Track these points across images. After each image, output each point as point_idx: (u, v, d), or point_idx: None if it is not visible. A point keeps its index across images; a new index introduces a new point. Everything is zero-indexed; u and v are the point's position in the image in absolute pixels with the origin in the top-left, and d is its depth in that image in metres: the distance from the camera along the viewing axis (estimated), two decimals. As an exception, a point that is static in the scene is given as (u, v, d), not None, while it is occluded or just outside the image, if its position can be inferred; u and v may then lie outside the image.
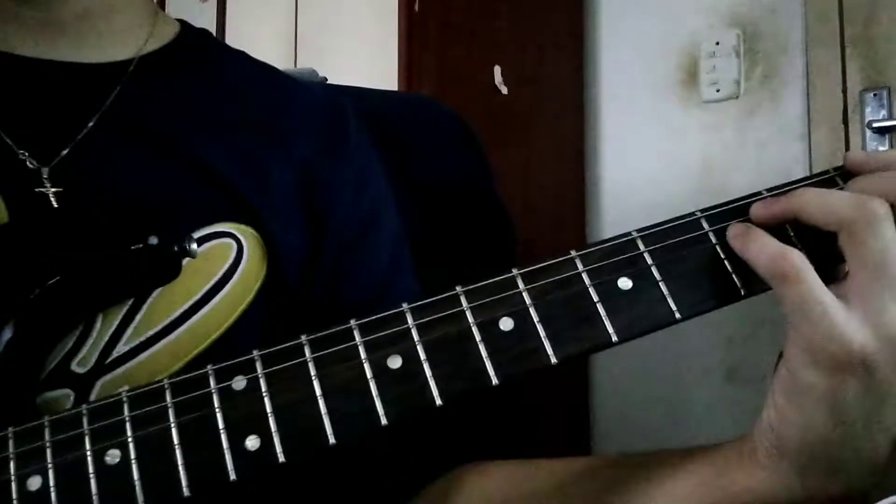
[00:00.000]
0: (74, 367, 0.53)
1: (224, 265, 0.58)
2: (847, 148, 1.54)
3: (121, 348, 0.54)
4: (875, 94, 1.51)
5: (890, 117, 1.50)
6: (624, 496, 0.50)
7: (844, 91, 1.54)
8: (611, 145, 1.88)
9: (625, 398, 1.79)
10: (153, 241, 0.54)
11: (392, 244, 0.68)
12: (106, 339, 0.54)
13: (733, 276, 0.45)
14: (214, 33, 2.13)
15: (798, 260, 0.43)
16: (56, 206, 0.55)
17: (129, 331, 0.55)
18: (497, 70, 1.66)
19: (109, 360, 0.54)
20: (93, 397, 0.53)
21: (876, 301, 0.41)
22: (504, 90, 1.66)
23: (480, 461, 0.62)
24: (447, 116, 0.90)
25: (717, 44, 1.71)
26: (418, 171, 0.85)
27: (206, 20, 1.94)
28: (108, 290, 0.54)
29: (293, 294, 0.61)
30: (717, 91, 1.71)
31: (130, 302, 0.55)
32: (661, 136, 1.79)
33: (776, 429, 0.44)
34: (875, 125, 1.50)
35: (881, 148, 1.51)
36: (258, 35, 1.91)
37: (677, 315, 0.44)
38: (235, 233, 0.59)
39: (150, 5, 0.67)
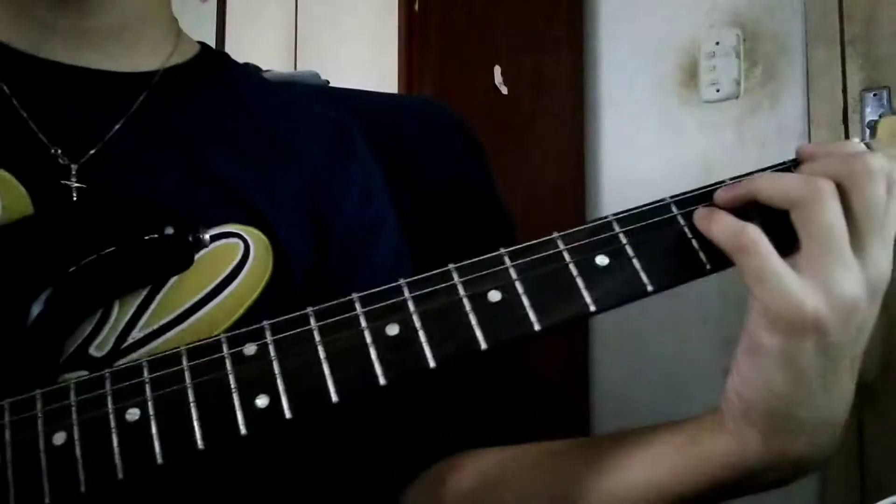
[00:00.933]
0: (92, 350, 0.57)
1: (232, 263, 0.61)
2: (847, 148, 1.54)
3: (136, 334, 0.58)
4: (875, 94, 1.51)
5: (890, 117, 1.50)
6: (603, 465, 0.55)
7: (844, 91, 1.54)
8: (611, 145, 1.88)
9: (625, 398, 1.79)
10: (169, 231, 0.57)
11: (393, 253, 0.72)
12: (122, 325, 0.57)
13: (699, 252, 0.49)
14: (214, 33, 2.13)
15: (754, 233, 0.47)
16: (76, 199, 0.59)
17: (144, 318, 0.58)
18: (497, 70, 1.66)
19: (125, 345, 0.57)
20: None
21: (826, 270, 0.46)
22: (504, 90, 1.66)
23: (474, 449, 0.65)
24: (449, 119, 0.90)
25: (717, 44, 1.71)
26: (421, 175, 0.86)
27: (206, 20, 1.94)
28: (126, 278, 0.57)
29: (296, 295, 0.64)
30: (717, 91, 1.71)
31: (146, 291, 0.58)
32: (661, 136, 1.79)
33: (739, 392, 0.49)
34: (875, 125, 1.50)
35: (881, 148, 1.52)
36: (258, 35, 1.92)
37: (649, 287, 0.49)
38: (243, 234, 0.62)
39: (175, 24, 0.71)
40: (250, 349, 0.48)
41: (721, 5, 1.73)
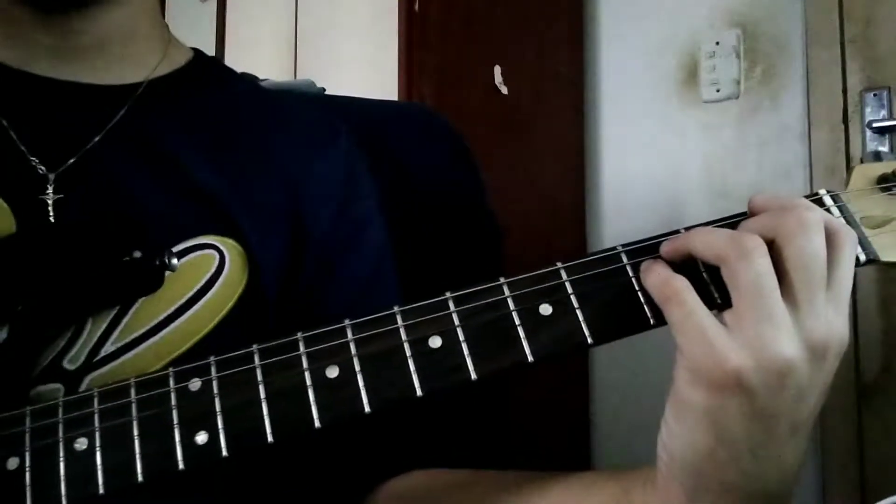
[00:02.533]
0: (66, 363, 0.58)
1: (206, 274, 0.62)
2: (847, 148, 1.54)
3: (108, 348, 0.59)
4: (875, 94, 1.51)
5: (890, 117, 1.50)
6: (530, 500, 0.55)
7: (844, 91, 1.54)
8: (611, 145, 1.88)
9: (625, 398, 1.79)
10: (137, 255, 0.58)
11: (374, 260, 0.72)
12: (95, 339, 0.59)
13: (644, 306, 0.49)
14: (214, 33, 2.13)
15: (680, 284, 0.47)
16: (52, 217, 0.60)
17: (116, 333, 0.59)
18: (497, 70, 1.66)
19: (97, 358, 0.58)
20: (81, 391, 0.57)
21: (753, 327, 0.44)
22: (504, 90, 1.66)
23: (435, 467, 0.66)
24: (443, 128, 0.91)
25: (717, 44, 1.71)
26: (413, 182, 0.86)
27: (206, 20, 1.94)
28: (97, 298, 0.58)
29: (271, 305, 0.65)
30: (717, 91, 1.71)
31: (117, 307, 0.59)
32: (661, 136, 1.79)
33: (665, 445, 0.48)
34: (875, 125, 1.50)
35: (881, 148, 1.51)
36: (258, 36, 1.91)
37: (589, 340, 0.48)
38: (219, 244, 0.63)
39: (165, 33, 0.72)
40: (195, 384, 0.49)
41: (721, 5, 1.73)
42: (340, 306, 0.67)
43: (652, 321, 0.49)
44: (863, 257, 0.51)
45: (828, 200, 0.53)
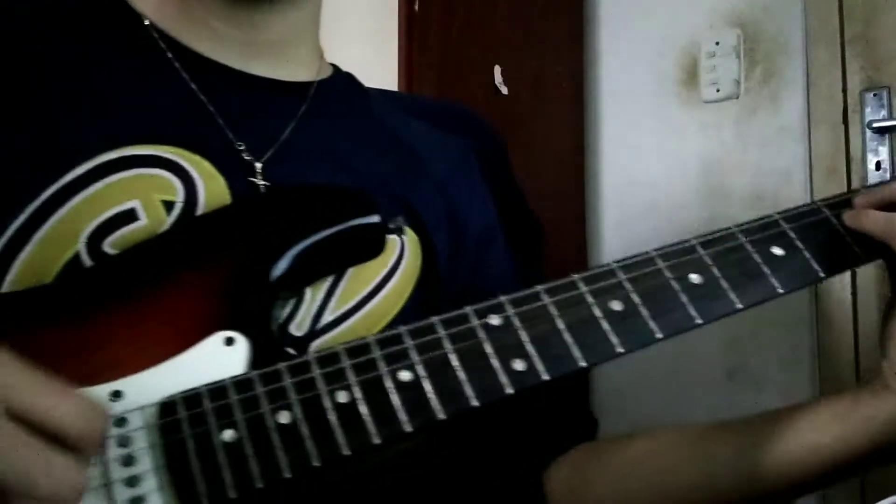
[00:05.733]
0: (292, 329, 0.62)
1: (393, 257, 0.68)
2: (847, 148, 1.54)
3: (327, 317, 0.63)
4: (875, 94, 1.51)
5: (890, 117, 1.50)
6: (768, 436, 0.60)
7: (844, 91, 1.54)
8: (611, 145, 1.88)
9: (625, 398, 1.79)
10: (374, 219, 0.62)
11: (507, 256, 0.81)
12: (315, 308, 0.63)
13: (853, 246, 0.60)
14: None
15: None
16: (265, 193, 0.64)
17: (332, 303, 0.64)
18: (497, 70, 1.66)
19: (319, 326, 0.63)
20: None
21: None
22: (504, 90, 1.66)
23: (592, 441, 0.75)
24: (492, 126, 0.93)
25: (717, 44, 1.71)
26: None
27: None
28: (331, 262, 0.63)
29: (442, 283, 0.71)
30: (717, 91, 1.71)
31: (331, 279, 0.64)
32: (661, 136, 1.79)
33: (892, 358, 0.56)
34: (875, 125, 1.50)
35: (881, 148, 1.51)
36: (258, 35, 1.91)
37: (821, 274, 0.59)
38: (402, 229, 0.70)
39: (319, 46, 0.78)
40: (495, 320, 0.53)
41: (721, 5, 1.73)
42: (501, 275, 0.77)
43: (863, 257, 0.59)
44: None
45: None
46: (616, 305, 0.55)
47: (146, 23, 0.68)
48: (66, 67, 0.63)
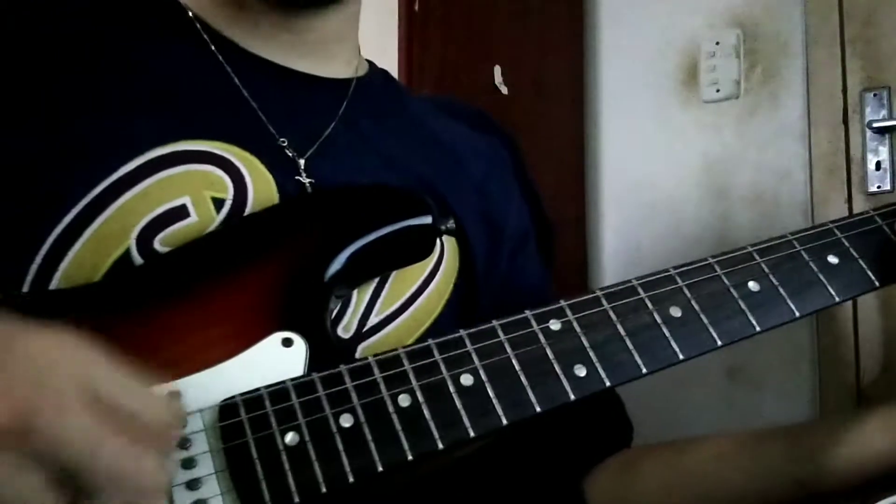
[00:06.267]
0: (340, 332, 0.62)
1: (433, 260, 0.67)
2: (847, 148, 1.54)
3: (373, 319, 0.63)
4: (875, 94, 1.51)
5: (890, 117, 1.50)
6: (814, 447, 0.61)
7: (844, 91, 1.54)
8: (611, 145, 1.88)
9: (625, 398, 1.79)
10: (427, 220, 0.61)
11: (539, 258, 0.81)
12: (362, 310, 0.63)
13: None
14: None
15: None
16: (317, 191, 0.64)
17: (378, 305, 0.64)
18: (497, 70, 1.66)
19: (365, 328, 0.63)
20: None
21: None
22: (504, 90, 1.66)
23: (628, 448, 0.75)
24: (507, 130, 0.93)
25: (717, 44, 1.71)
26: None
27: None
28: (386, 261, 0.62)
29: (481, 287, 0.71)
30: (717, 91, 1.71)
31: (376, 281, 0.64)
32: (661, 137, 1.79)
33: None
34: (875, 125, 1.50)
35: (881, 148, 1.51)
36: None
37: (876, 283, 0.60)
38: None
39: (358, 45, 0.79)
40: (555, 325, 0.53)
41: (721, 5, 1.73)
42: (535, 281, 0.77)
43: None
44: None
45: None
46: (676, 312, 0.55)
47: (189, 14, 0.67)
48: (113, 61, 0.63)
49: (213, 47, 0.66)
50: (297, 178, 0.63)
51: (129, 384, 0.41)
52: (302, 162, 0.65)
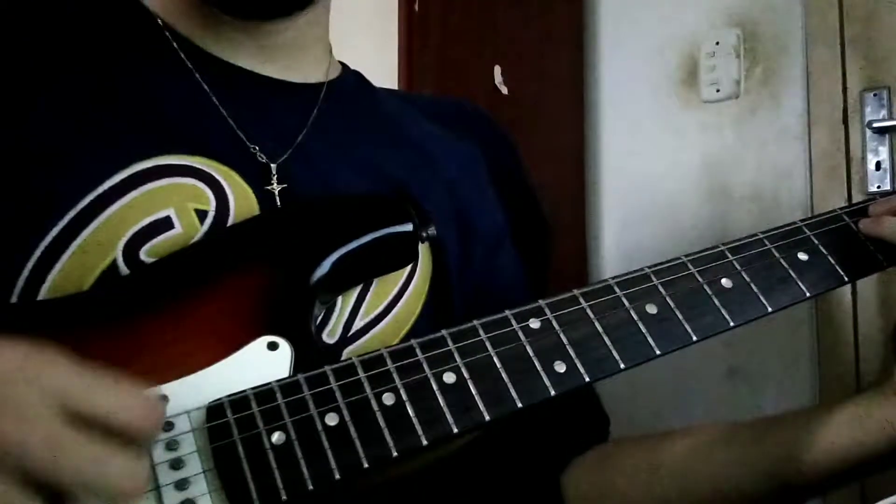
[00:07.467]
0: (325, 337, 0.63)
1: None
2: (847, 148, 1.54)
3: (358, 323, 0.64)
4: (875, 94, 1.51)
5: (890, 117, 1.50)
6: (782, 440, 0.62)
7: (844, 91, 1.54)
8: (611, 145, 1.88)
9: (625, 398, 1.79)
10: (408, 227, 0.62)
11: (516, 260, 0.81)
12: (347, 314, 0.64)
13: (877, 254, 0.63)
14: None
15: None
16: (279, 203, 0.64)
17: (362, 309, 0.64)
18: (497, 70, 1.66)
19: (350, 333, 0.64)
20: None
21: None
22: (504, 90, 1.66)
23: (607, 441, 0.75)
24: (500, 125, 0.93)
25: (717, 44, 1.71)
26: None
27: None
28: (364, 268, 0.63)
29: (455, 288, 0.71)
30: (717, 91, 1.71)
31: (360, 287, 0.65)
32: (661, 136, 1.79)
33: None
34: (875, 125, 1.50)
35: (881, 148, 1.51)
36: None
37: (846, 278, 0.62)
38: None
39: (329, 46, 0.78)
40: (535, 324, 0.54)
41: (721, 5, 1.73)
42: (510, 283, 0.77)
43: (885, 263, 0.62)
44: None
45: None
46: (652, 309, 0.56)
47: (159, 22, 0.68)
48: (92, 72, 0.63)
49: (182, 55, 0.67)
50: (268, 186, 0.64)
51: (98, 386, 0.41)
52: (274, 167, 0.65)
